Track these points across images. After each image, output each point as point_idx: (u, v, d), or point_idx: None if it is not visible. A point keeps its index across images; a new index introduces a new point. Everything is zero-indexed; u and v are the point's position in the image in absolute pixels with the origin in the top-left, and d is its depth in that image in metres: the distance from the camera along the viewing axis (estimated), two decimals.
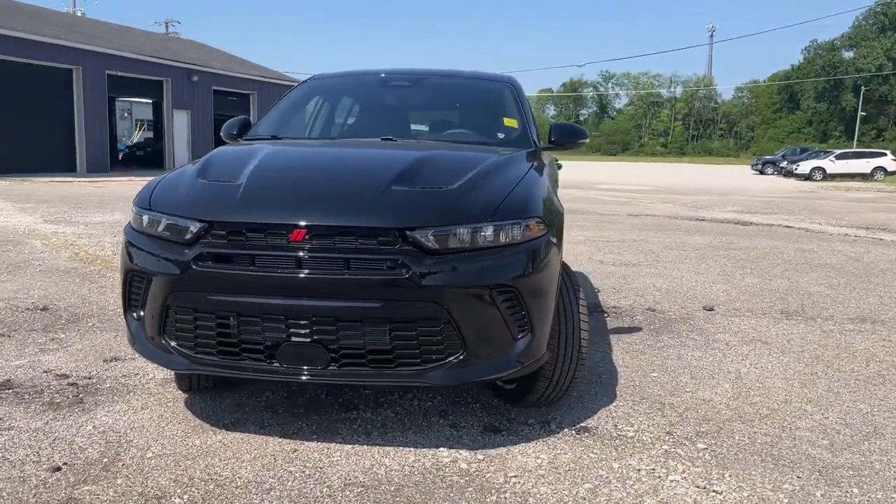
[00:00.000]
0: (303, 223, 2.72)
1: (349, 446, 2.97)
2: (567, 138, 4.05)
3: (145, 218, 3.00)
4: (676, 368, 4.16)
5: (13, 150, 21.56)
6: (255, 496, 2.53)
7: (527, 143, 3.94)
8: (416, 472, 2.75)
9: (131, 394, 3.52)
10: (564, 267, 3.34)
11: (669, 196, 21.29)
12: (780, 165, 43.40)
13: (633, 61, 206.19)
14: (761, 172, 45.72)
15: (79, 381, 3.69)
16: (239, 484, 2.62)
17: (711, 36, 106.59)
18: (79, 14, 49.42)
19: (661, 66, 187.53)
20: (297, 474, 2.71)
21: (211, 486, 2.59)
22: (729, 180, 35.16)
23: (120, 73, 25.19)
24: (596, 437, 3.14)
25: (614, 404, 3.56)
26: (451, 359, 2.80)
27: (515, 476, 2.75)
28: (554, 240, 3.05)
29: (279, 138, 4.01)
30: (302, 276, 2.69)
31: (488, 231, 2.79)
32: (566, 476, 2.77)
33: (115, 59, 24.89)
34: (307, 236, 2.71)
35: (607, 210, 15.41)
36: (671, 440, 3.13)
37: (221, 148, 3.67)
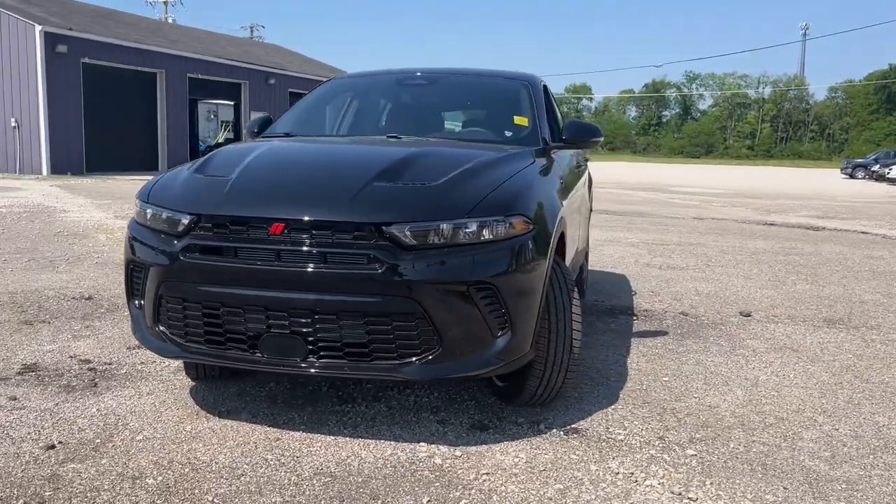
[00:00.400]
0: (281, 217, 2.79)
1: (332, 438, 3.02)
2: (579, 136, 4.00)
3: (145, 211, 3.13)
4: (691, 374, 4.05)
5: (100, 150, 22.66)
6: (224, 480, 2.61)
7: (535, 141, 3.91)
8: (388, 466, 2.78)
9: (143, 380, 3.67)
10: (559, 265, 3.30)
11: (744, 200, 20.62)
12: (872, 169, 41.35)
13: (719, 62, 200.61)
14: (851, 176, 43.74)
15: (99, 366, 3.87)
16: (214, 469, 2.71)
17: (804, 34, 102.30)
18: (169, 21, 51.59)
19: (748, 67, 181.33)
20: (272, 462, 2.78)
21: (186, 470, 2.69)
22: (815, 184, 33.78)
23: (200, 76, 26.17)
24: (583, 439, 3.09)
25: (613, 407, 3.49)
26: (426, 354, 2.82)
27: (487, 473, 2.74)
28: (544, 238, 3.03)
29: (291, 136, 4.12)
30: (281, 269, 2.75)
31: (467, 227, 2.80)
32: (539, 476, 2.74)
33: (196, 63, 25.87)
34: (285, 230, 2.78)
35: (673, 213, 15.05)
36: (661, 445, 3.06)
37: (226, 146, 3.80)
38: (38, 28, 20.51)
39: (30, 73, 20.84)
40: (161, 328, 3.05)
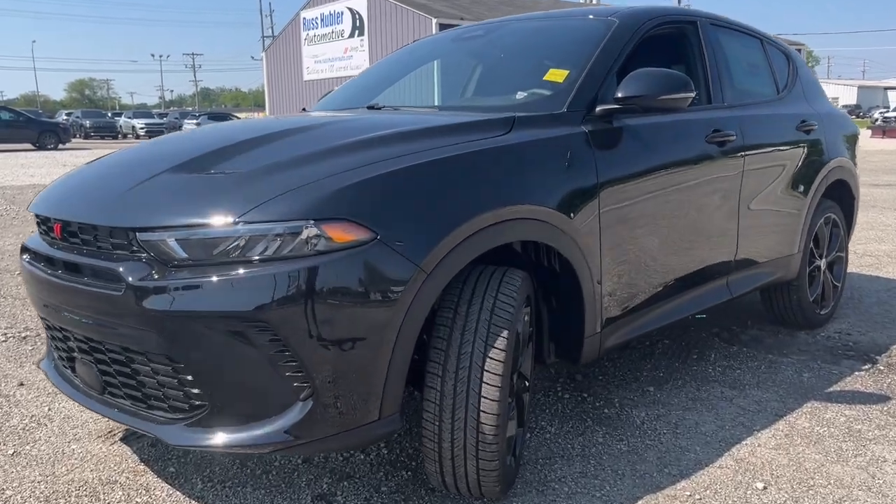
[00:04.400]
0: (58, 217, 2.23)
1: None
2: (645, 91, 2.58)
3: None
4: (801, 480, 2.41)
5: None
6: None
7: (555, 104, 2.62)
8: None
9: None
10: (483, 296, 2.15)
11: None
12: None
13: None
14: None
15: None
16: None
17: None
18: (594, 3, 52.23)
19: None
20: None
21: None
22: None
23: None
24: None
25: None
26: (193, 413, 2.02)
27: None
28: (404, 253, 1.95)
29: (306, 111, 3.48)
30: (59, 279, 2.20)
31: (236, 234, 1.91)
32: None
33: None
34: (63, 233, 2.22)
35: None
36: None
37: None
38: (433, 21, 22.45)
39: None
40: None
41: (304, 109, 3.61)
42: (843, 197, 4.25)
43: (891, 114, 36.56)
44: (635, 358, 3.62)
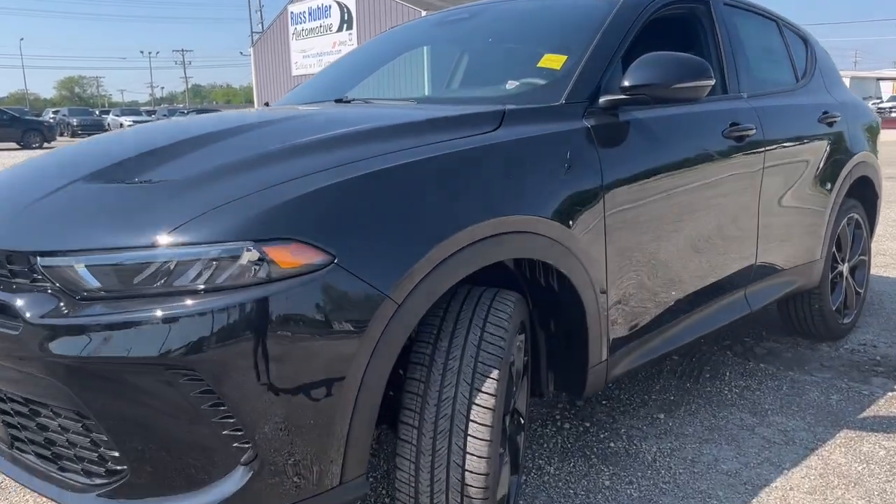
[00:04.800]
0: None
1: None
2: (658, 79, 2.20)
3: None
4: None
5: None
6: None
7: (552, 95, 2.24)
8: None
9: None
10: (443, 328, 1.78)
11: None
12: None
13: None
14: None
15: None
16: None
17: None
18: None
19: None
20: None
21: None
22: None
23: None
24: None
25: None
26: (113, 479, 1.64)
27: None
28: (370, 278, 1.58)
29: (267, 105, 3.10)
30: None
31: (171, 257, 1.52)
32: None
33: None
34: None
35: None
36: None
37: None
38: (423, 13, 22.02)
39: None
40: None
41: (266, 104, 3.22)
42: (865, 195, 3.89)
43: (885, 104, 36.33)
44: (641, 378, 3.25)
